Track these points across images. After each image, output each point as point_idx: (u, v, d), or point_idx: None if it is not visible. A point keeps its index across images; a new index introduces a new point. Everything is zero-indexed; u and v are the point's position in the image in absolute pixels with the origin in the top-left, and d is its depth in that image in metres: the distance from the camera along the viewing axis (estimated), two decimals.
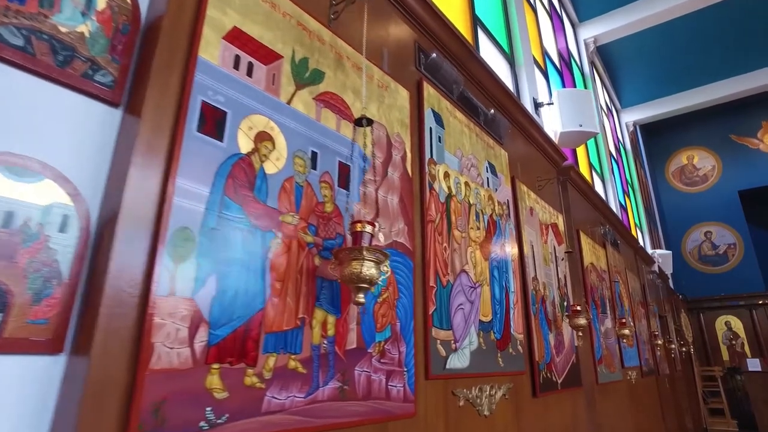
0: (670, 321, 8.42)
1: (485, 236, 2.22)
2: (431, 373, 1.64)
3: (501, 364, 2.08)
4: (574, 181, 3.99)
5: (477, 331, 1.96)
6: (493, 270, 2.21)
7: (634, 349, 5.09)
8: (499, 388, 2.05)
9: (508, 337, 2.19)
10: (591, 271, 3.94)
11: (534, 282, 2.66)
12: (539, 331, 2.57)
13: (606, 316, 4.15)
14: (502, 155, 2.64)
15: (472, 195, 2.19)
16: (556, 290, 3.02)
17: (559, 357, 2.80)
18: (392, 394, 1.45)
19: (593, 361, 3.50)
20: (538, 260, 2.81)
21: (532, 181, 3.10)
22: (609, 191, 6.68)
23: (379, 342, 1.46)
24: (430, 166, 1.94)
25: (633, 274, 6.05)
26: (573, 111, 3.78)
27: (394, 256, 1.61)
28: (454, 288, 1.88)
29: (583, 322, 2.73)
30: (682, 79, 9.40)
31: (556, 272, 3.08)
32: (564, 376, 2.80)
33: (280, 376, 1.14)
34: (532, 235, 2.79)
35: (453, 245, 1.95)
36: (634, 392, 4.69)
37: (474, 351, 1.91)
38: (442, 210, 1.94)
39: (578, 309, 2.77)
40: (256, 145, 1.25)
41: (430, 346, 1.66)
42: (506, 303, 2.26)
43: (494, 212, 2.37)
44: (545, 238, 3.01)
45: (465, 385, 1.83)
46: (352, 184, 1.52)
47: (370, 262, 1.20)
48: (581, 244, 3.79)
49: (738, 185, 13.36)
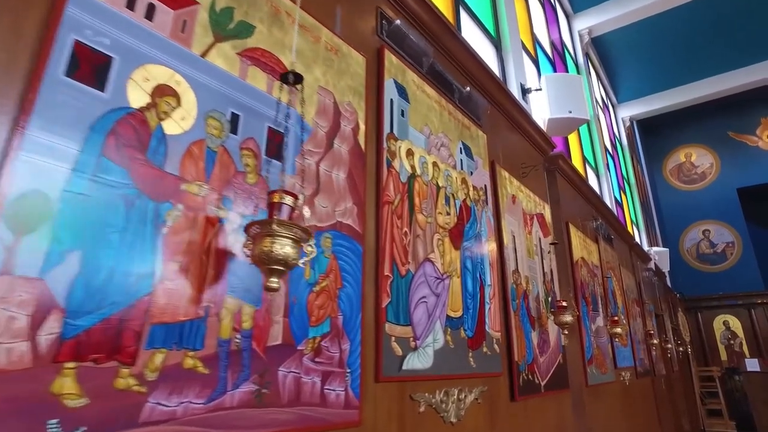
0: (667, 320, 8.20)
1: (456, 223, 2.00)
2: (383, 374, 1.42)
3: (473, 365, 1.87)
4: (564, 171, 3.77)
5: (443, 328, 1.74)
6: (466, 260, 2.00)
7: (628, 349, 4.88)
8: (469, 392, 1.83)
9: (482, 335, 1.98)
10: (581, 266, 3.73)
11: (515, 275, 2.44)
12: (520, 329, 2.35)
13: (597, 313, 3.94)
14: (480, 137, 2.43)
15: (441, 176, 1.97)
16: (541, 285, 2.81)
17: (543, 357, 2.58)
18: (329, 400, 1.24)
19: (582, 362, 3.28)
20: (521, 252, 2.60)
21: (516, 167, 2.89)
22: (604, 186, 6.48)
23: (314, 338, 1.24)
24: (390, 141, 1.72)
25: (628, 271, 5.84)
26: (562, 97, 3.57)
27: (338, 239, 1.39)
28: (416, 278, 1.66)
29: (569, 319, 2.52)
30: (679, 74, 9.19)
31: (541, 266, 2.87)
32: (548, 378, 2.58)
33: (170, 377, 0.92)
34: (513, 225, 2.58)
35: (416, 230, 1.73)
36: (628, 394, 4.48)
37: (439, 350, 1.69)
38: (403, 191, 1.72)
39: (564, 305, 2.55)
40: (154, 99, 1.03)
41: (383, 343, 1.45)
42: (481, 297, 2.04)
43: (468, 197, 2.15)
44: (529, 228, 2.80)
45: (427, 389, 1.61)
46: (287, 155, 1.31)
47: (285, 239, 0.98)
48: (571, 237, 3.58)
49: (736, 183, 13.17)
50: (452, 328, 1.79)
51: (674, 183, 14.29)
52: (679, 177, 14.27)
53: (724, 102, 13.13)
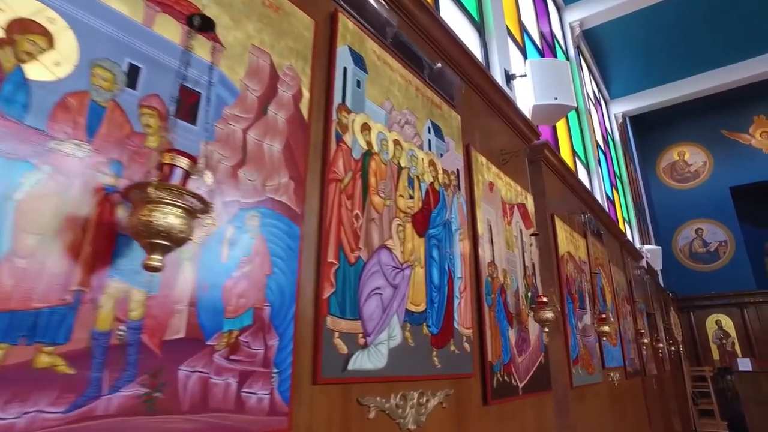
0: (659, 319, 8.06)
1: (421, 208, 1.81)
2: (322, 375, 1.23)
3: (437, 365, 1.68)
4: (550, 162, 3.60)
5: (402, 323, 1.56)
6: (432, 249, 1.81)
7: (618, 349, 4.71)
8: (432, 395, 1.65)
9: (449, 332, 1.79)
10: (567, 261, 3.55)
11: (490, 268, 2.26)
12: (495, 327, 2.17)
13: (584, 311, 3.76)
14: (453, 117, 2.24)
15: (404, 156, 1.78)
16: (522, 279, 2.63)
17: (522, 357, 2.40)
18: (248, 405, 1.05)
19: (567, 362, 3.11)
20: (498, 243, 2.42)
21: (495, 153, 2.71)
22: (595, 182, 6.32)
23: (230, 332, 1.05)
24: (341, 113, 1.53)
25: (618, 269, 5.68)
26: (547, 82, 3.39)
27: (269, 217, 1.20)
28: (368, 267, 1.47)
29: (550, 316, 2.34)
30: (672, 70, 9.07)
31: (522, 259, 2.69)
32: (528, 380, 2.40)
33: (9, 380, 0.72)
34: (490, 214, 2.40)
35: (370, 214, 1.54)
36: (617, 395, 4.31)
37: (395, 348, 1.50)
38: (356, 168, 1.53)
39: (545, 301, 2.37)
40: (11, 35, 0.83)
41: (323, 340, 1.26)
42: (449, 291, 1.86)
43: (437, 180, 1.96)
44: (509, 218, 2.61)
45: (379, 392, 1.42)
46: (203, 118, 1.11)
47: (169, 207, 0.79)
48: (556, 230, 3.40)
49: (729, 181, 13.08)
50: (413, 324, 1.61)
51: (667, 181, 14.19)
52: (672, 175, 14.18)
53: (717, 99, 13.05)
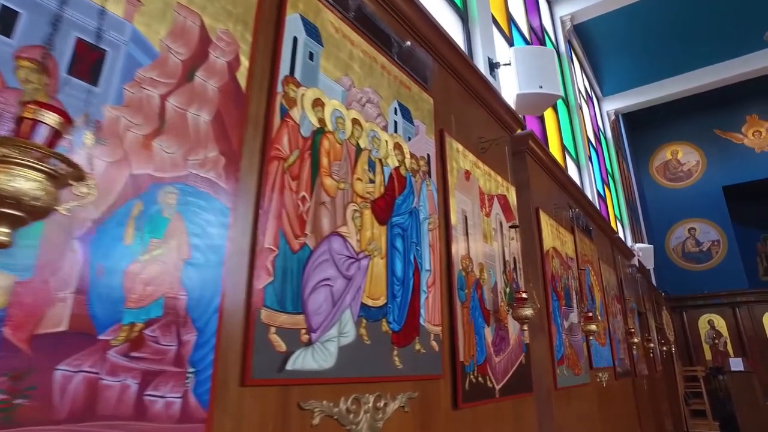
0: (651, 319, 7.96)
1: (384, 193, 1.66)
2: (253, 375, 1.08)
3: (398, 366, 1.53)
4: (535, 154, 3.46)
5: (356, 319, 1.41)
6: (395, 239, 1.66)
7: (607, 348, 4.58)
8: (392, 399, 1.50)
9: (413, 330, 1.64)
10: (553, 256, 3.42)
11: (465, 261, 2.11)
12: (469, 324, 2.02)
13: (571, 309, 3.63)
14: (425, 100, 2.10)
15: (364, 137, 1.64)
16: (501, 275, 2.48)
17: (500, 357, 2.26)
18: (152, 410, 0.89)
19: (551, 362, 2.96)
20: (475, 235, 2.27)
21: (474, 141, 2.56)
22: (585, 178, 6.20)
23: (131, 324, 0.89)
24: (288, 86, 1.38)
25: (609, 266, 5.55)
26: (532, 71, 3.26)
27: (189, 195, 1.05)
28: (316, 256, 1.32)
29: (529, 312, 2.19)
30: (665, 66, 8.98)
31: (501, 253, 2.54)
32: (506, 381, 2.26)
33: None
34: (466, 204, 2.25)
35: (320, 197, 1.39)
36: (606, 396, 4.18)
37: (347, 346, 1.35)
38: (305, 147, 1.38)
39: (524, 297, 2.23)
40: None
41: (255, 335, 1.10)
42: (414, 284, 1.71)
43: (403, 165, 1.82)
44: (487, 210, 2.47)
45: (326, 395, 1.27)
46: (108, 78, 0.96)
47: (21, 169, 0.64)
48: (541, 224, 3.26)
49: (722, 181, 13.04)
50: (369, 320, 1.46)
51: (660, 181, 14.13)
52: (666, 175, 14.12)
53: (709, 99, 13.01)
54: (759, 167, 12.76)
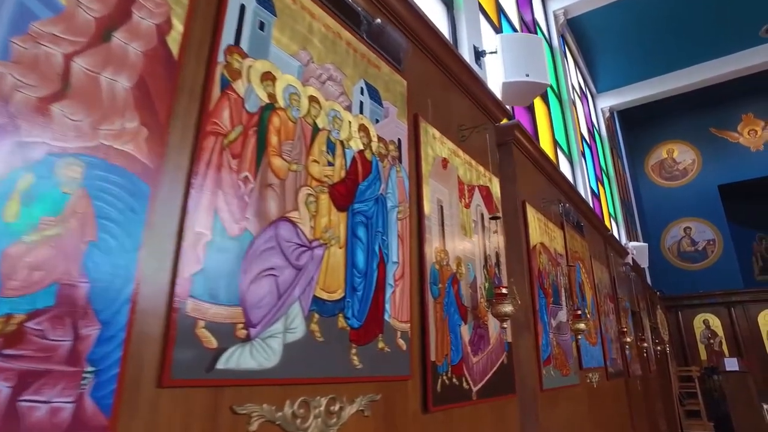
0: (645, 318, 7.85)
1: (345, 177, 1.53)
2: (173, 375, 0.94)
3: (357, 365, 1.40)
4: (522, 145, 3.33)
5: (306, 313, 1.27)
6: (357, 227, 1.53)
7: (598, 348, 4.46)
8: (350, 402, 1.36)
9: (376, 327, 1.51)
10: (540, 252, 3.29)
11: (439, 254, 1.98)
12: (442, 321, 1.89)
13: (559, 307, 3.50)
14: (397, 82, 1.96)
15: (322, 116, 1.50)
16: (481, 270, 2.35)
17: (479, 357, 2.12)
18: (31, 418, 0.75)
19: (537, 362, 2.83)
20: (452, 227, 2.14)
21: (453, 129, 2.43)
22: (578, 174, 6.08)
23: (8, 315, 0.75)
24: (233, 56, 1.24)
25: (601, 264, 5.43)
26: (519, 59, 3.13)
27: (98, 169, 0.91)
28: (260, 242, 1.19)
29: (509, 309, 2.06)
30: (661, 63, 8.87)
31: (482, 247, 2.41)
32: (485, 382, 2.12)
33: None
34: (442, 193, 2.12)
35: (267, 178, 1.25)
36: (596, 397, 4.06)
37: (295, 343, 1.22)
38: (250, 123, 1.25)
39: (504, 293, 2.10)
40: None
41: (178, 329, 0.97)
42: (379, 277, 1.57)
43: (369, 149, 1.68)
44: (467, 201, 2.34)
45: (268, 397, 1.14)
46: None
47: None
48: (527, 218, 3.13)
49: (718, 180, 12.97)
50: (323, 315, 1.32)
51: (656, 179, 14.04)
52: (661, 173, 14.03)
53: (705, 97, 12.93)
54: (754, 166, 12.69)
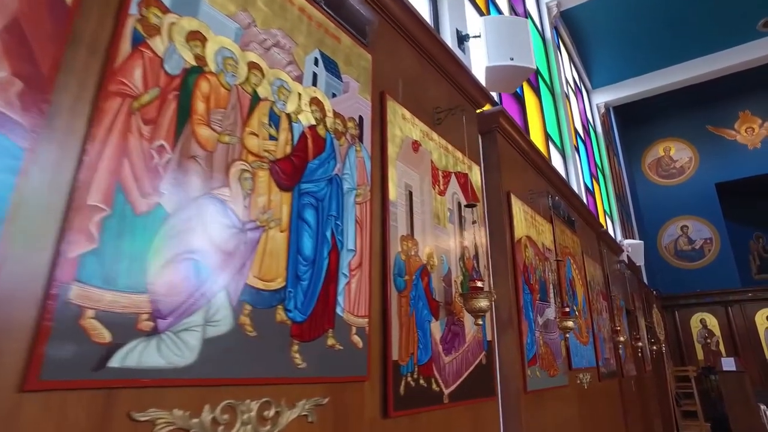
0: (641, 317, 7.70)
1: (291, 153, 1.36)
2: (42, 376, 0.78)
3: (299, 365, 1.23)
4: (508, 134, 3.17)
5: (235, 304, 1.11)
6: (304, 210, 1.36)
7: (590, 348, 4.30)
8: (289, 406, 1.20)
9: (326, 321, 1.35)
10: (527, 246, 3.13)
11: (406, 243, 1.82)
12: (408, 317, 1.73)
13: (547, 304, 3.34)
14: (360, 56, 1.80)
15: (265, 85, 1.34)
16: (458, 262, 2.19)
17: (452, 356, 1.96)
18: None
19: (521, 362, 2.67)
20: (423, 215, 1.98)
21: (429, 111, 2.27)
22: (571, 169, 5.93)
23: None
24: (149, 8, 1.08)
25: (594, 261, 5.28)
26: (503, 42, 2.97)
27: None
28: (177, 221, 1.02)
29: (484, 304, 1.90)
30: (657, 57, 8.72)
31: (458, 238, 2.25)
32: (459, 384, 1.96)
33: None
34: (411, 178, 1.95)
35: (189, 149, 1.09)
36: (587, 399, 3.90)
37: (218, 338, 1.05)
38: (170, 87, 1.08)
39: (479, 286, 1.93)
40: None
41: (56, 319, 0.80)
42: (331, 266, 1.41)
43: (323, 124, 1.52)
44: (441, 188, 2.17)
45: (180, 401, 0.97)
46: None
47: None
48: (512, 210, 2.97)
49: (715, 178, 12.84)
50: (257, 306, 1.16)
51: (653, 177, 13.91)
52: (658, 171, 13.90)
53: (702, 94, 12.80)
54: (752, 164, 12.57)
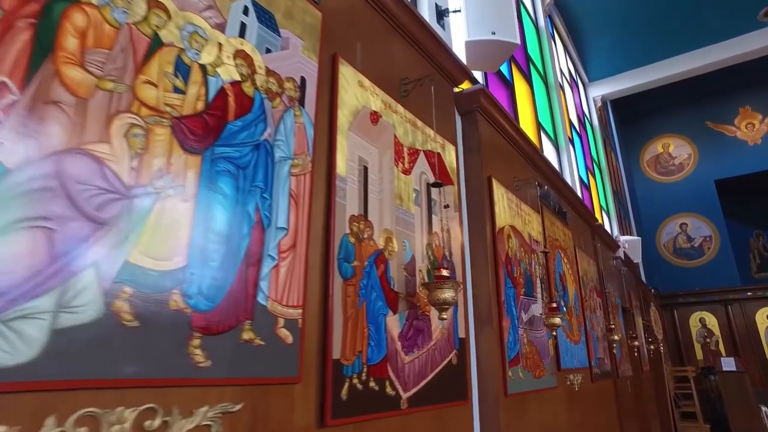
0: (638, 316, 7.48)
1: (201, 110, 1.14)
2: None
3: (201, 363, 1.01)
4: (490, 116, 2.95)
5: (108, 286, 0.88)
6: (218, 176, 1.14)
7: (581, 347, 4.08)
8: (184, 414, 0.97)
9: (243, 311, 1.12)
10: (510, 235, 2.91)
11: (357, 223, 1.59)
12: (354, 308, 1.50)
13: (533, 299, 3.12)
14: (308, 13, 1.57)
15: (171, 29, 1.11)
16: (425, 249, 1.96)
17: (414, 355, 1.74)
18: None
19: (501, 362, 2.45)
20: (381, 193, 1.75)
21: (394, 81, 2.04)
22: (565, 161, 5.70)
23: None
24: None
25: (588, 257, 5.06)
26: (485, 15, 2.74)
27: None
28: (23, 178, 0.80)
29: (450, 295, 1.67)
30: (654, 49, 8.49)
31: (427, 222, 2.02)
32: (422, 387, 1.74)
33: None
34: (368, 152, 1.73)
35: (51, 92, 0.86)
36: (578, 401, 3.68)
37: (76, 328, 0.83)
38: (21, 12, 0.86)
39: (445, 275, 1.71)
40: None
41: None
42: (252, 245, 1.18)
43: (251, 81, 1.29)
44: (406, 166, 1.95)
45: (8, 413, 0.75)
46: None
47: None
48: (494, 196, 2.75)
49: (714, 174, 12.61)
50: (141, 289, 0.93)
51: (651, 174, 13.67)
52: (657, 168, 13.66)
53: (701, 89, 12.57)
54: (752, 160, 12.34)
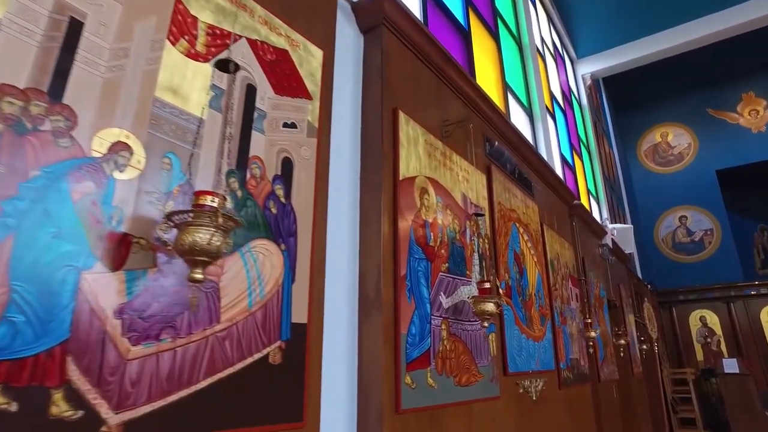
0: (629, 312, 6.69)
1: None
2: None
3: None
4: (406, 35, 2.18)
5: None
6: None
7: (546, 344, 3.30)
8: None
9: None
10: (425, 191, 2.13)
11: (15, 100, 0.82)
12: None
13: (463, 280, 2.35)
14: None
15: None
16: (224, 178, 1.19)
17: (155, 346, 0.97)
18: None
19: (394, 363, 1.68)
20: (123, 77, 0.98)
21: None
22: (540, 131, 4.92)
23: None
24: None
25: (564, 239, 4.28)
26: None
27: None
28: None
29: (216, 243, 0.90)
30: (646, 21, 7.69)
31: (229, 136, 1.25)
32: (175, 402, 0.97)
33: None
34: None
35: None
36: (536, 413, 2.89)
37: None
38: None
39: (211, 204, 0.93)
40: None
41: None
42: None
43: None
44: (198, 50, 1.18)
45: None
46: None
47: None
48: (399, 134, 1.98)
49: (716, 164, 11.79)
50: None
51: (649, 165, 12.86)
52: (654, 159, 12.85)
53: (701, 74, 11.80)
54: (756, 149, 11.52)
